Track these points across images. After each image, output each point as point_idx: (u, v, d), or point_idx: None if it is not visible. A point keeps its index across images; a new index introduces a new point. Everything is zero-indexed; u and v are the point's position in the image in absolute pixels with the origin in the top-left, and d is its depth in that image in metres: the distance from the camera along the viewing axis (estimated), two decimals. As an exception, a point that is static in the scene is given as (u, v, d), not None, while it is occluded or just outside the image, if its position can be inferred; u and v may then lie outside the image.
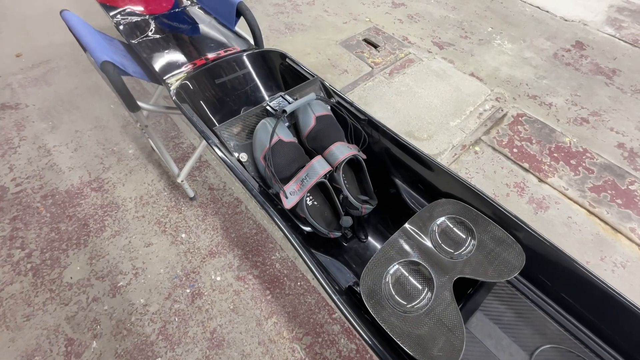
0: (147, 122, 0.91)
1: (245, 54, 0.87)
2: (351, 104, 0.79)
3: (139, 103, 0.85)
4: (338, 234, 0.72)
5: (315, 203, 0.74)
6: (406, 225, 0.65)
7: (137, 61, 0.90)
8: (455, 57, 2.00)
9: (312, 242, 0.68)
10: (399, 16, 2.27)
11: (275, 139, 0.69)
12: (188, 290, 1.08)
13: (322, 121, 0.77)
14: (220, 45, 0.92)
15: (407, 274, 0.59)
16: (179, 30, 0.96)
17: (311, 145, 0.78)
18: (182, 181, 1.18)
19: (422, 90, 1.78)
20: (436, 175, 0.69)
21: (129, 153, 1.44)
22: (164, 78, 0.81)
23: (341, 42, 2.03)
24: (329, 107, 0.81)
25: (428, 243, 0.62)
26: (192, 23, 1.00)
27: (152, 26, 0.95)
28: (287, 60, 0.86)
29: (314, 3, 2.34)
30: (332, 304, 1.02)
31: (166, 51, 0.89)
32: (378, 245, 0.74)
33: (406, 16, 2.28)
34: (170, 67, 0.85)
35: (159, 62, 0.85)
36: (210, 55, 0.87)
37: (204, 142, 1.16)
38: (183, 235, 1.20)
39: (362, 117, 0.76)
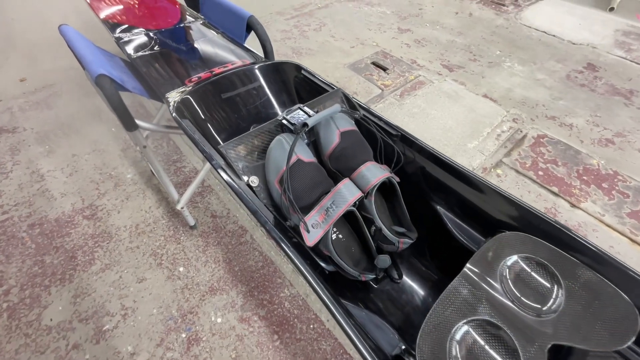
0: (146, 143, 0.82)
1: (256, 66, 0.79)
2: (380, 118, 0.69)
3: (138, 122, 0.76)
4: (371, 276, 0.58)
5: (340, 236, 0.62)
6: (467, 268, 0.49)
7: (138, 78, 0.83)
8: (466, 79, 1.96)
9: (333, 284, 0.56)
10: (405, 41, 2.27)
11: (293, 158, 0.57)
12: (184, 335, 0.94)
13: (347, 137, 0.66)
14: (227, 59, 0.85)
15: (482, 342, 0.43)
16: (183, 46, 0.90)
17: (335, 166, 0.66)
18: (182, 208, 1.07)
19: (435, 111, 1.71)
20: (490, 199, 0.56)
21: (127, 178, 1.35)
22: (165, 94, 0.73)
23: (349, 65, 2.00)
24: (354, 122, 0.72)
25: (501, 294, 0.47)
26: (197, 38, 0.95)
27: (155, 41, 0.89)
28: (303, 72, 0.78)
29: (321, 29, 2.36)
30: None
31: (168, 66, 0.82)
32: (415, 287, 0.61)
33: (413, 41, 2.28)
34: (172, 82, 0.77)
35: (160, 77, 0.78)
36: (217, 69, 0.79)
37: (207, 165, 1.07)
38: (181, 269, 1.08)
39: (393, 132, 0.66)
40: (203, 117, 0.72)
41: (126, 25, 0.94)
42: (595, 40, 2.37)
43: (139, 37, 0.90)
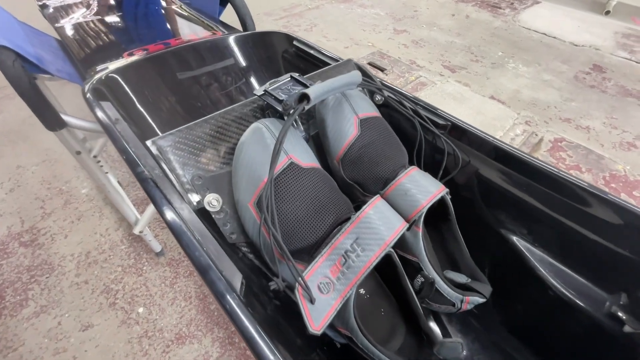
0: (81, 147, 0.61)
1: (231, 37, 0.58)
2: (415, 101, 0.48)
3: (65, 117, 0.55)
4: None
5: (362, 292, 0.38)
6: None
7: (72, 62, 0.62)
8: (470, 80, 1.82)
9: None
10: (402, 41, 2.13)
11: (282, 161, 0.35)
12: (138, 405, 0.70)
13: (370, 128, 0.42)
14: (192, 31, 0.64)
15: None
16: (133, 15, 0.68)
17: (351, 175, 0.42)
18: (141, 232, 0.84)
19: (441, 114, 1.55)
20: (622, 228, 0.33)
21: (81, 193, 1.11)
22: (97, 69, 0.51)
23: (344, 65, 1.83)
24: (376, 106, 0.49)
25: None
26: (155, 6, 0.74)
27: (95, 8, 0.68)
28: (296, 43, 0.57)
29: (312, 30, 2.21)
30: None
31: (104, 35, 0.60)
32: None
33: (410, 41, 2.15)
34: (106, 55, 0.55)
35: (89, 49, 0.56)
36: (174, 40, 0.58)
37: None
38: (140, 310, 0.84)
39: (440, 121, 0.46)
40: (141, 105, 0.48)
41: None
42: (597, 42, 2.28)
43: (72, 3, 0.68)
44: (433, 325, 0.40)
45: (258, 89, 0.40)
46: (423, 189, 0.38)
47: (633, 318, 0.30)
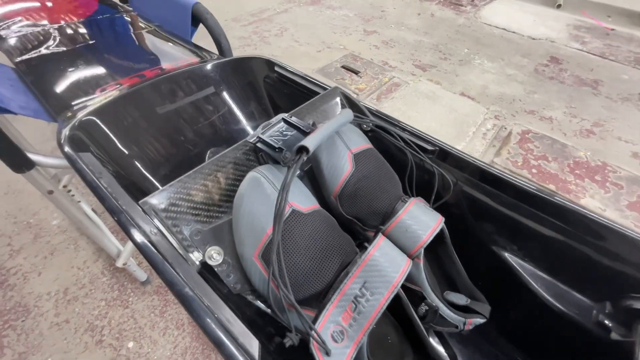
0: (54, 186, 0.57)
1: (208, 65, 0.56)
2: (401, 126, 0.49)
3: (33, 156, 0.51)
4: None
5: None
6: None
7: (36, 96, 0.57)
8: (441, 78, 1.88)
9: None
10: (373, 42, 2.17)
11: (286, 211, 0.34)
12: None
13: (364, 161, 0.43)
14: (166, 58, 0.62)
15: None
16: (101, 44, 0.64)
17: (350, 211, 0.43)
18: (125, 264, 0.81)
19: (417, 114, 1.59)
20: (606, 242, 0.35)
21: (53, 225, 1.04)
22: (71, 111, 0.47)
23: (318, 70, 1.84)
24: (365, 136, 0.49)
25: None
26: (123, 33, 0.70)
27: (57, 39, 0.63)
28: (277, 69, 0.57)
29: (283, 34, 2.19)
30: None
31: (71, 70, 0.56)
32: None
33: (381, 42, 2.19)
34: (76, 94, 0.52)
35: (57, 87, 0.52)
36: (149, 71, 0.55)
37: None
38: (130, 345, 0.81)
39: (428, 147, 0.47)
40: (123, 147, 0.46)
41: (17, 18, 0.65)
42: (552, 34, 2.43)
43: (32, 34, 0.63)
44: (435, 343, 0.41)
45: (251, 135, 0.40)
46: (423, 224, 0.39)
47: (618, 325, 0.33)
